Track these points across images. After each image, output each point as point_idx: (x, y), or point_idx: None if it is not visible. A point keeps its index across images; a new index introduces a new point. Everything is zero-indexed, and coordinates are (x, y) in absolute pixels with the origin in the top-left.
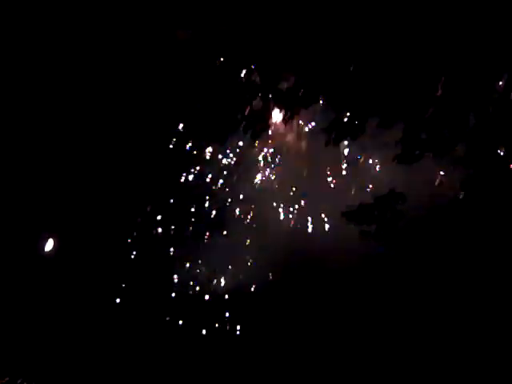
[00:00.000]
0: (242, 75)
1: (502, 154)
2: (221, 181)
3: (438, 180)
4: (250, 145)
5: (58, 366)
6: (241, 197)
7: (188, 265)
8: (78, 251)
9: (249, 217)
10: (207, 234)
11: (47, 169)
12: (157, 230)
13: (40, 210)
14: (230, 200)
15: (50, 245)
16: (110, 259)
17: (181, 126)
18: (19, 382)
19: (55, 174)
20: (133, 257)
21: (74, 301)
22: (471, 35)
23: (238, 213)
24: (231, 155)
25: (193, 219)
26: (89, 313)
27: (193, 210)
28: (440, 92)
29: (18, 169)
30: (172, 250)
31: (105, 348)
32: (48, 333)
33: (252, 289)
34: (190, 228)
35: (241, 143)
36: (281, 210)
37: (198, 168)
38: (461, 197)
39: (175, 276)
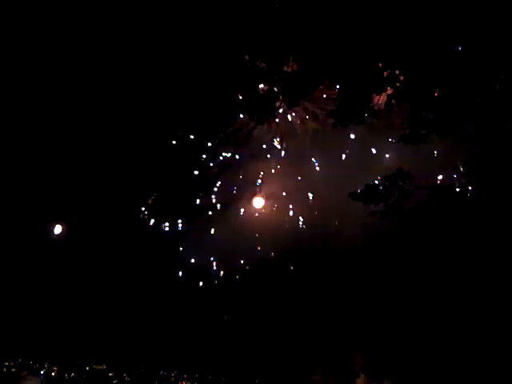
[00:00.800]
0: (247, 60)
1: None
2: (226, 168)
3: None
4: (255, 129)
5: (67, 346)
6: (249, 182)
7: (194, 255)
8: (85, 236)
9: (255, 203)
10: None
11: (56, 160)
12: (160, 220)
13: (49, 198)
14: (237, 186)
15: (58, 229)
16: (114, 243)
17: (186, 114)
18: (31, 363)
19: (64, 164)
20: (136, 244)
21: (81, 283)
22: (478, 17)
23: (245, 198)
24: (238, 141)
25: (197, 208)
26: (95, 295)
27: (198, 200)
28: (446, 72)
29: (30, 162)
30: (175, 239)
31: (110, 330)
32: (56, 314)
33: (257, 274)
34: (193, 216)
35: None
36: (288, 198)
37: (203, 156)
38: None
39: (179, 263)
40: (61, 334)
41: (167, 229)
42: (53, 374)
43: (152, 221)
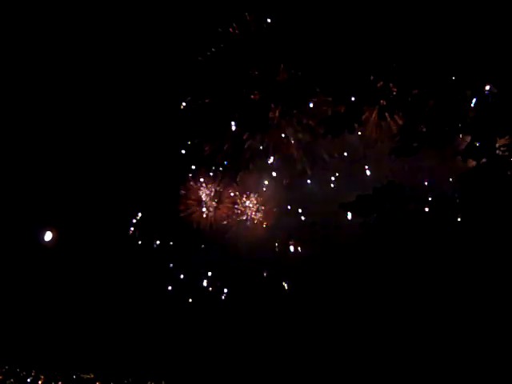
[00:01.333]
0: (239, 68)
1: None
2: (219, 178)
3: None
4: (248, 141)
5: (54, 354)
6: (241, 194)
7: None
8: (76, 242)
9: (251, 213)
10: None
11: (47, 166)
12: (149, 234)
13: (40, 204)
14: (230, 198)
15: (48, 236)
16: (106, 249)
17: (177, 125)
18: (18, 370)
19: (55, 170)
20: (124, 256)
21: (73, 290)
22: (470, 28)
23: (237, 210)
24: (230, 151)
25: (188, 221)
26: (86, 302)
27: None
28: (439, 85)
29: (20, 166)
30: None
31: (97, 338)
32: (46, 322)
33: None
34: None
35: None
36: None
37: (194, 166)
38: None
39: (172, 273)
40: (48, 342)
41: (158, 242)
42: (39, 382)
43: (141, 235)
